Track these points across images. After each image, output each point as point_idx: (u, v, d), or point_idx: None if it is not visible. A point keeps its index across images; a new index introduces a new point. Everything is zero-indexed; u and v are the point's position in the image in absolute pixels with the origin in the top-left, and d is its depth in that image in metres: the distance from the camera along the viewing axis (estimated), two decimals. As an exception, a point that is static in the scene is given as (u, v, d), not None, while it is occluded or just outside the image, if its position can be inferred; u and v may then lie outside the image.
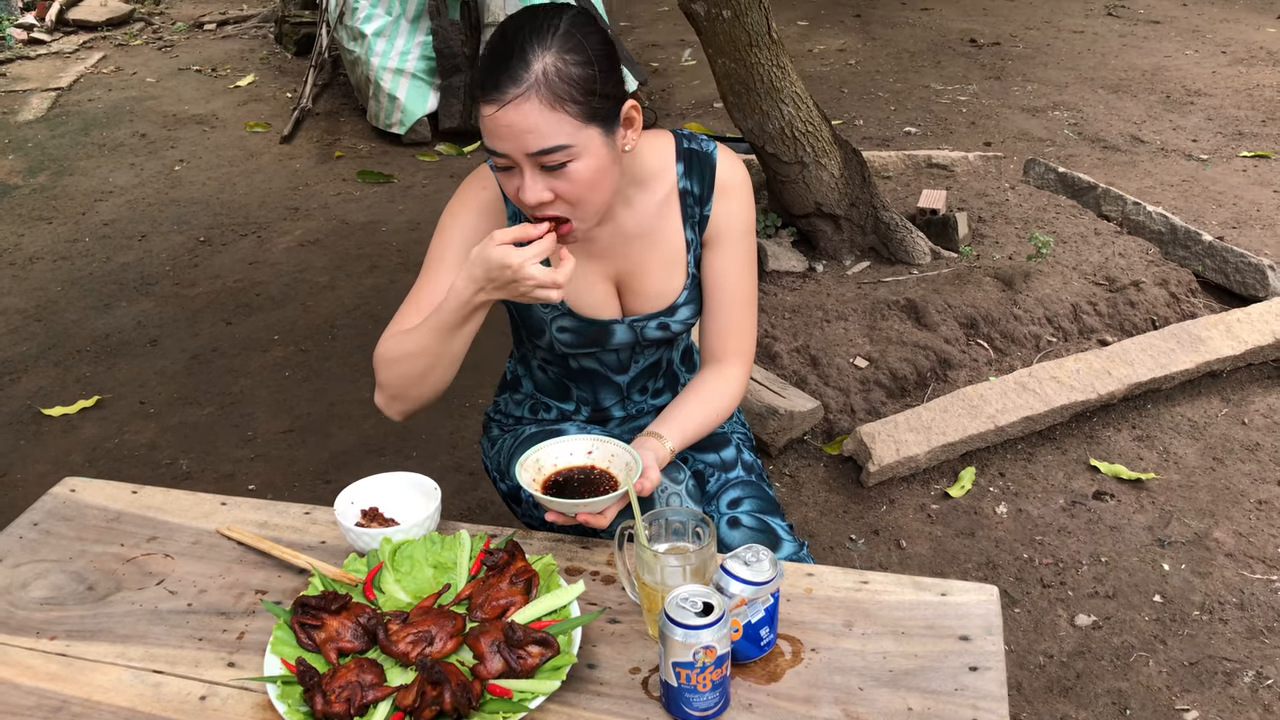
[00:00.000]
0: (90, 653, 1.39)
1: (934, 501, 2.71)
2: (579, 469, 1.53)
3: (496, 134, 1.40)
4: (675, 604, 1.22)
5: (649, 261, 1.64)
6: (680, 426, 1.61)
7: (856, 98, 6.18)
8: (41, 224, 4.72)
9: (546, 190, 1.43)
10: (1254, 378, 3.16)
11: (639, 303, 1.66)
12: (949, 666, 1.31)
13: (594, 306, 1.65)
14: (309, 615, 1.35)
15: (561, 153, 1.40)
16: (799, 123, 3.42)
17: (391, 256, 4.26)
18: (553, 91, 1.38)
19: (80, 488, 1.73)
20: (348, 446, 3.03)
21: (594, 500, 1.43)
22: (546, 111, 1.38)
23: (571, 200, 1.45)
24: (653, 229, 1.63)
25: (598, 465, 1.53)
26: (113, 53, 7.66)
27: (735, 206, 1.65)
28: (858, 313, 3.20)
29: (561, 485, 1.51)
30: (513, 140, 1.39)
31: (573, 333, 1.66)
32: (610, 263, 1.64)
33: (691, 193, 1.64)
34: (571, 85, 1.39)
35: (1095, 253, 3.61)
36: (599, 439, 1.55)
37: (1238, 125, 5.50)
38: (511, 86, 1.37)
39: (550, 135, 1.39)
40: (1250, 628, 2.28)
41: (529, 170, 1.42)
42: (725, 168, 1.65)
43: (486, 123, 1.40)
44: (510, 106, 1.37)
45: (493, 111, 1.38)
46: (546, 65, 1.38)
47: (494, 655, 1.29)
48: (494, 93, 1.38)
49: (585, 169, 1.43)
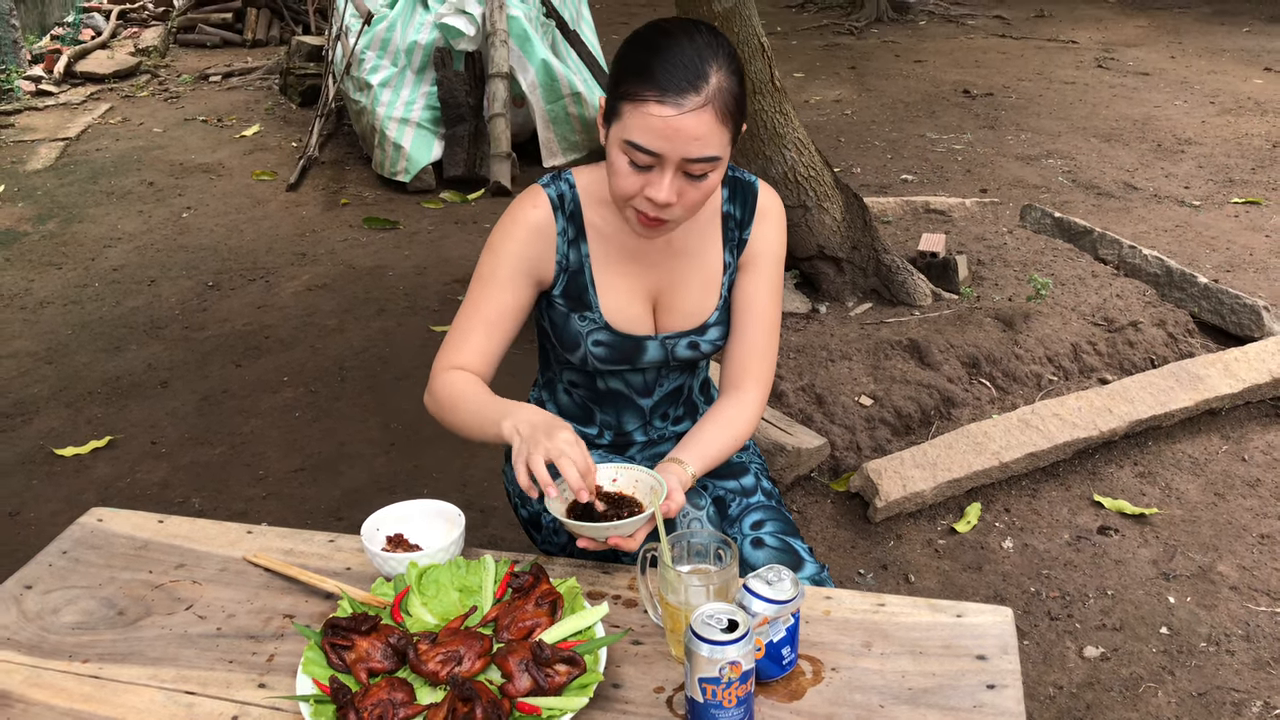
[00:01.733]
0: (123, 675, 1.41)
1: (941, 536, 2.74)
2: (604, 495, 1.56)
3: (663, 134, 1.45)
4: (701, 620, 1.25)
5: (687, 279, 1.70)
6: (701, 452, 1.65)
7: (853, 146, 6.29)
8: (51, 269, 4.78)
9: (676, 193, 1.50)
10: (1252, 415, 3.21)
11: (672, 319, 1.72)
12: (967, 685, 1.33)
13: (629, 321, 1.70)
14: (339, 636, 1.37)
15: (710, 163, 1.49)
16: (801, 167, 3.49)
17: (399, 300, 4.32)
18: (724, 105, 1.47)
19: (107, 518, 1.76)
20: (359, 485, 3.05)
21: (624, 523, 1.46)
22: (716, 124, 1.46)
23: (689, 206, 1.54)
24: (695, 247, 1.70)
25: (623, 491, 1.57)
26: (120, 104, 7.77)
27: (772, 233, 1.72)
28: (861, 352, 3.25)
29: (588, 512, 1.54)
30: (678, 144, 1.46)
31: (607, 347, 1.70)
32: (651, 278, 1.70)
33: (734, 216, 1.71)
34: (734, 101, 1.49)
35: (1093, 294, 3.67)
36: (622, 466, 1.59)
37: (1228, 173, 5.60)
38: (693, 94, 1.44)
39: (713, 146, 1.47)
40: (1257, 659, 2.30)
41: (672, 173, 1.49)
42: (765, 196, 1.73)
43: (653, 122, 1.45)
44: (690, 114, 1.44)
45: (669, 114, 1.44)
46: (720, 81, 1.46)
47: (522, 674, 1.31)
48: (674, 96, 1.44)
49: (714, 180, 1.53)
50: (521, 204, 1.67)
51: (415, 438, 3.27)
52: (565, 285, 1.68)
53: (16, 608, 1.55)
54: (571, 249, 1.67)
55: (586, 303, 1.68)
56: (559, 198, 1.67)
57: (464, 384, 1.63)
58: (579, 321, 1.69)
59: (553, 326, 1.73)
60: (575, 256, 1.67)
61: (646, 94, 1.45)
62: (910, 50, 8.88)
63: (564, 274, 1.68)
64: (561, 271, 1.68)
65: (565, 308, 1.69)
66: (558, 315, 1.70)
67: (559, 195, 1.67)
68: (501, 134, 5.54)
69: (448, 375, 1.65)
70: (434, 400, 1.66)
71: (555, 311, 1.70)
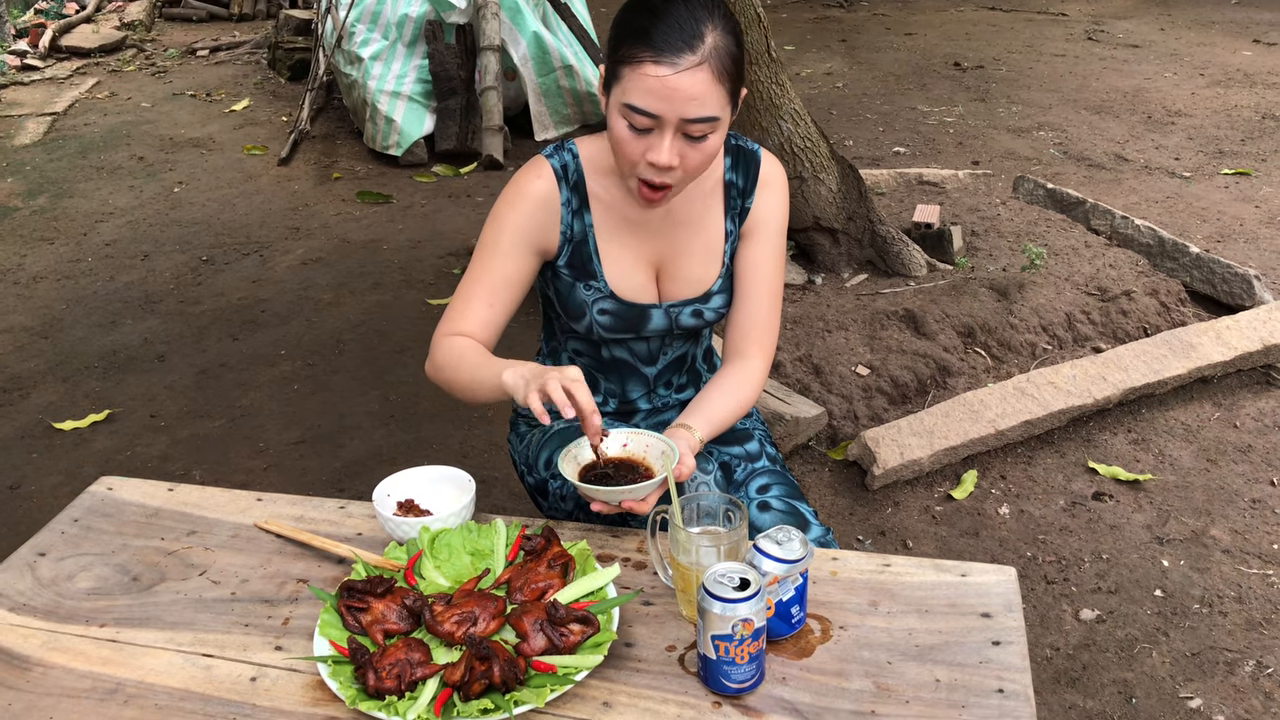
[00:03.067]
0: (140, 638, 1.42)
1: (938, 503, 2.77)
2: (617, 460, 1.58)
3: (660, 95, 1.45)
4: (714, 579, 1.27)
5: (690, 247, 1.71)
6: (707, 417, 1.67)
7: (845, 119, 6.29)
8: (44, 245, 4.75)
9: (677, 156, 1.51)
10: (1243, 383, 3.24)
11: (676, 288, 1.73)
12: (972, 641, 1.36)
13: (634, 290, 1.71)
14: (355, 598, 1.39)
15: (709, 124, 1.49)
16: (797, 138, 3.50)
17: (394, 274, 4.32)
18: (721, 64, 1.47)
19: (117, 486, 1.77)
20: (359, 456, 3.06)
21: (637, 486, 1.48)
22: (713, 83, 1.46)
23: (691, 169, 1.54)
24: (697, 217, 1.71)
25: (634, 456, 1.58)
26: (106, 78, 7.72)
27: (774, 201, 1.73)
28: (858, 323, 3.27)
29: (601, 476, 1.56)
30: (675, 104, 1.46)
31: (613, 315, 1.72)
32: (654, 246, 1.71)
33: (736, 185, 1.72)
34: (732, 61, 1.49)
35: (1086, 264, 3.70)
36: (633, 431, 1.60)
37: (1218, 144, 5.63)
38: (688, 53, 1.44)
39: (710, 105, 1.47)
40: (1249, 620, 2.34)
41: (671, 135, 1.49)
42: (768, 164, 1.74)
43: (649, 82, 1.45)
44: (686, 73, 1.44)
45: (665, 74, 1.44)
46: (717, 40, 1.47)
47: (537, 633, 1.34)
48: (670, 55, 1.44)
49: (715, 143, 1.53)
50: (525, 174, 1.68)
51: (414, 410, 3.28)
52: (570, 255, 1.69)
53: (31, 574, 1.56)
54: (575, 219, 1.68)
55: (591, 272, 1.69)
56: (562, 168, 1.67)
57: (463, 346, 1.64)
58: (584, 291, 1.70)
59: (557, 296, 1.74)
60: (579, 226, 1.68)
61: (642, 55, 1.45)
62: (900, 23, 8.87)
63: (568, 244, 1.69)
64: (566, 242, 1.69)
65: (570, 277, 1.70)
66: (563, 285, 1.71)
67: (562, 165, 1.67)
68: (493, 107, 5.52)
69: (448, 340, 1.66)
70: (434, 366, 1.68)
71: (560, 281, 1.71)
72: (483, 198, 5.18)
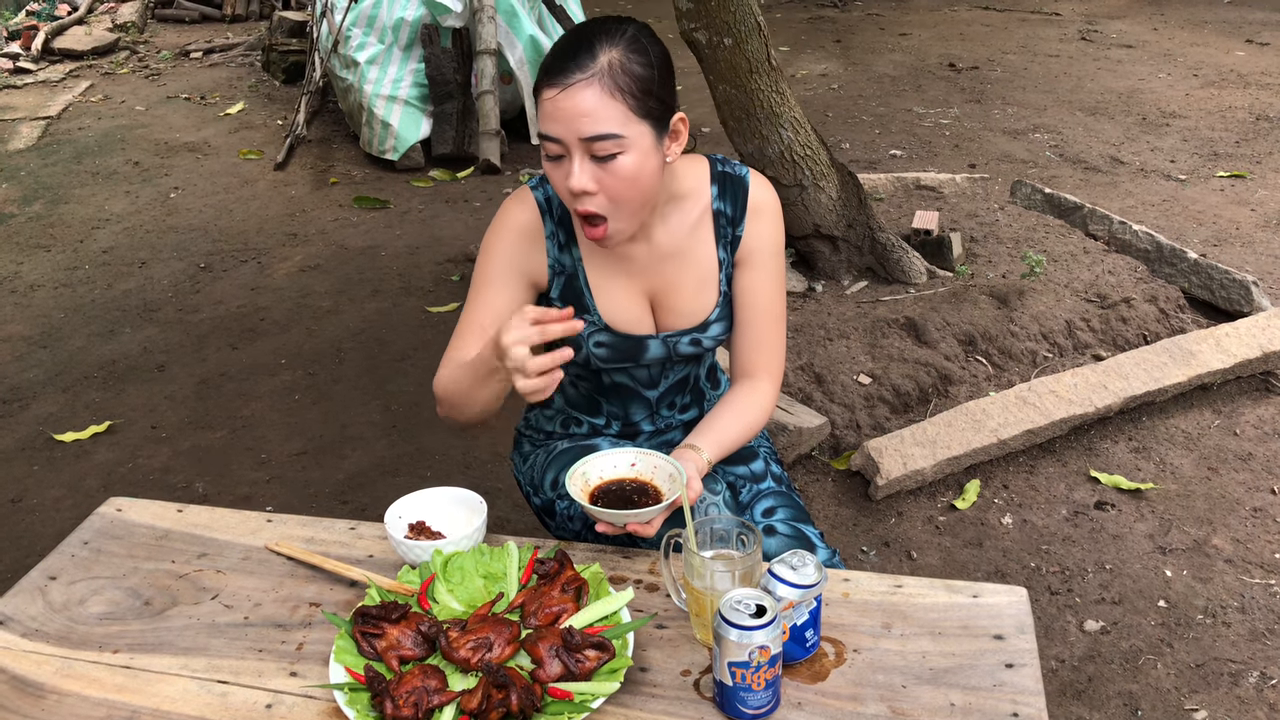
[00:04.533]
0: (154, 665, 1.42)
1: (941, 513, 2.78)
2: (624, 481, 1.58)
3: (554, 117, 1.47)
4: (730, 606, 1.27)
5: (682, 279, 1.70)
6: (715, 439, 1.67)
7: (841, 122, 6.29)
8: (40, 252, 4.74)
9: (592, 180, 1.50)
10: (1243, 390, 3.26)
11: (672, 319, 1.73)
12: (986, 664, 1.36)
13: (630, 323, 1.71)
14: (370, 624, 1.39)
15: (612, 141, 1.47)
16: (798, 147, 3.50)
17: (393, 281, 4.31)
18: (614, 81, 1.47)
19: (126, 507, 1.76)
20: (362, 468, 3.06)
21: (643, 511, 1.49)
22: (605, 98, 1.46)
23: (613, 195, 1.52)
24: (686, 248, 1.70)
25: (641, 477, 1.59)
26: (100, 81, 7.69)
27: (766, 228, 1.72)
28: (859, 331, 3.27)
29: (608, 496, 1.56)
30: (569, 123, 1.46)
31: (608, 347, 1.72)
32: (645, 280, 1.71)
33: (725, 213, 1.71)
34: (632, 79, 1.48)
35: (1085, 270, 3.71)
36: (641, 452, 1.60)
37: (1213, 146, 5.65)
38: (577, 72, 1.46)
39: (605, 121, 1.46)
40: (1253, 630, 2.36)
41: (579, 157, 1.49)
42: (757, 190, 1.72)
43: (545, 106, 1.48)
44: (573, 89, 1.45)
45: (554, 95, 1.46)
46: (612, 59, 1.47)
47: (552, 659, 1.34)
48: (558, 77, 1.46)
49: (631, 164, 1.50)
50: (509, 206, 1.69)
51: (416, 420, 3.28)
52: (562, 289, 1.70)
53: (42, 599, 1.56)
54: (564, 253, 1.68)
55: (584, 305, 1.69)
56: (546, 201, 1.68)
57: (451, 368, 1.64)
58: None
59: None
60: (568, 260, 1.68)
61: (541, 83, 1.49)
62: (894, 23, 8.88)
63: (559, 277, 1.69)
64: (556, 275, 1.69)
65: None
66: None
67: (546, 199, 1.68)
68: (490, 111, 5.52)
69: (441, 374, 1.66)
70: (442, 404, 1.67)
71: None
72: (480, 203, 5.17)
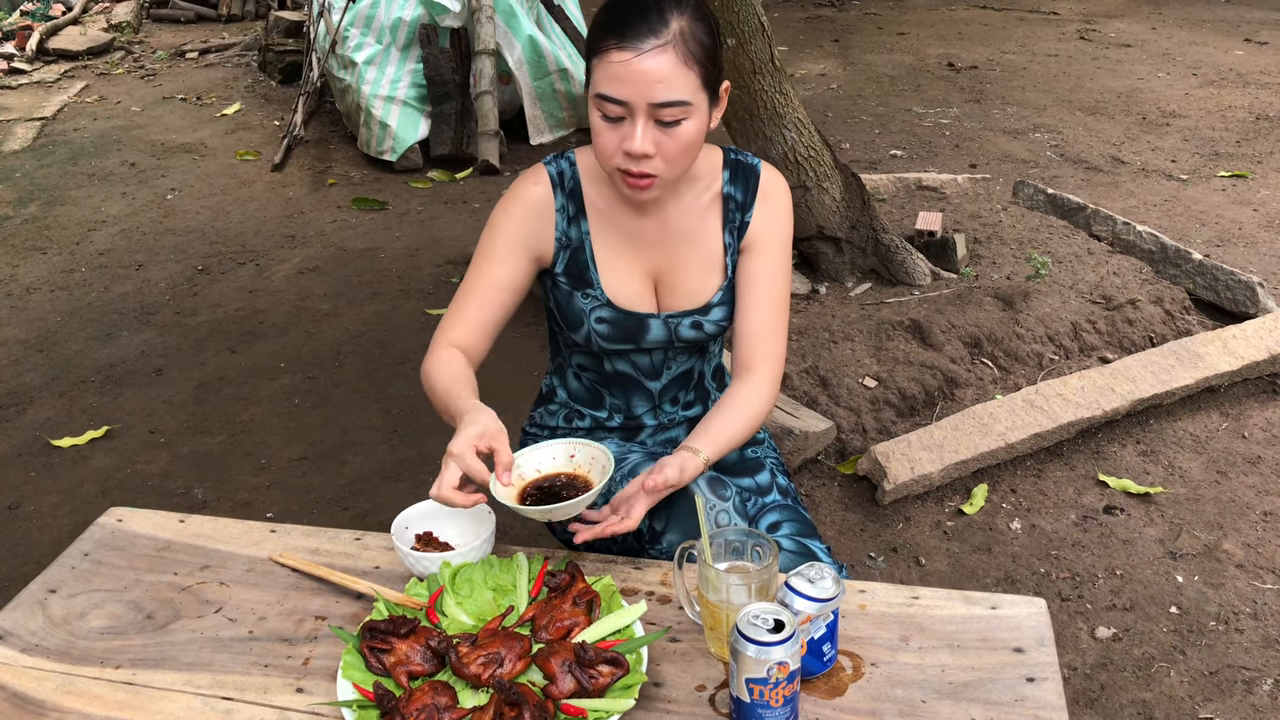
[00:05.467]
0: (157, 681, 1.39)
1: (949, 518, 2.76)
2: (557, 476, 1.57)
3: (625, 80, 1.47)
4: (747, 621, 1.25)
5: (687, 259, 1.71)
6: (713, 437, 1.64)
7: (841, 122, 6.27)
8: (36, 254, 4.70)
9: (652, 144, 1.50)
10: (1250, 392, 3.24)
11: (675, 299, 1.73)
12: (1006, 678, 1.34)
13: (631, 299, 1.71)
14: (378, 639, 1.36)
15: (680, 109, 1.49)
16: (801, 148, 3.48)
17: (392, 283, 4.28)
18: (688, 49, 1.48)
19: (127, 517, 1.73)
20: (363, 473, 3.03)
21: (559, 506, 1.46)
22: (680, 66, 1.47)
23: (669, 158, 1.53)
24: (694, 229, 1.71)
25: (580, 470, 1.57)
26: (95, 82, 7.64)
27: (775, 214, 1.73)
28: (863, 333, 3.25)
29: (540, 493, 1.54)
30: (642, 88, 1.46)
31: (610, 324, 1.71)
32: (651, 257, 1.71)
33: (734, 198, 1.71)
34: (702, 49, 1.49)
35: (1090, 272, 3.69)
36: (581, 443, 1.59)
37: (1213, 146, 5.63)
38: (651, 37, 1.46)
39: (678, 89, 1.47)
40: (1265, 637, 2.33)
41: (643, 121, 1.49)
42: (768, 178, 1.73)
43: (615, 69, 1.47)
44: (649, 55, 1.45)
45: (628, 58, 1.46)
46: (683, 26, 1.48)
47: (565, 675, 1.31)
48: (632, 40, 1.46)
49: (691, 130, 1.52)
50: (523, 180, 1.71)
51: (417, 424, 3.25)
52: (567, 263, 1.70)
53: (42, 613, 1.53)
54: (571, 226, 1.69)
55: (588, 280, 1.70)
56: (559, 175, 1.69)
57: (439, 370, 1.63)
58: (581, 299, 1.71)
59: (557, 306, 1.75)
60: (575, 234, 1.69)
61: (608, 44, 1.48)
62: (893, 22, 8.86)
63: (564, 251, 1.70)
64: (561, 249, 1.70)
65: (568, 286, 1.71)
66: (561, 294, 1.72)
67: (559, 173, 1.69)
68: (488, 112, 5.49)
69: (434, 356, 1.66)
70: (424, 374, 1.68)
71: (559, 290, 1.72)
72: (479, 203, 5.14)
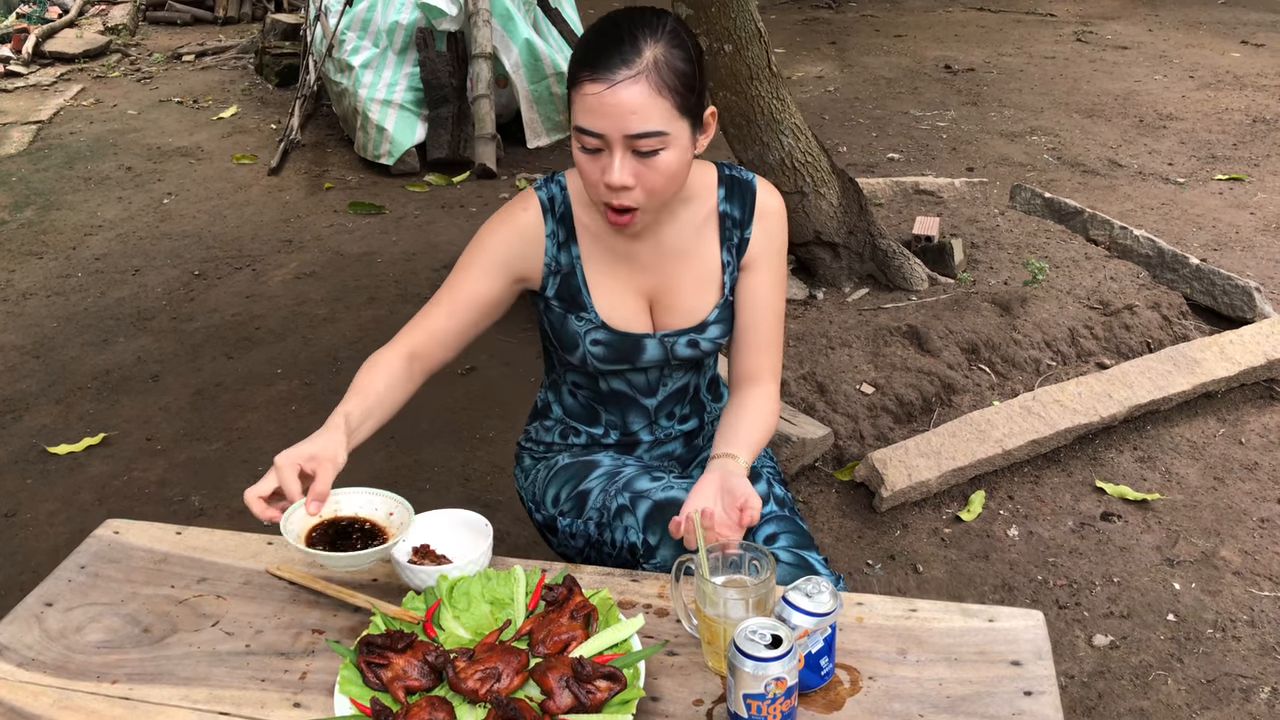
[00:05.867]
0: (154, 695, 1.39)
1: (946, 525, 2.76)
2: (365, 522, 1.56)
3: (599, 112, 1.47)
4: (744, 636, 1.25)
5: (683, 278, 1.71)
6: (744, 443, 1.66)
7: (838, 125, 6.27)
8: (32, 259, 4.69)
9: (632, 176, 1.50)
10: (1247, 398, 3.24)
11: (670, 318, 1.73)
12: (1004, 692, 1.34)
13: (626, 319, 1.71)
14: (375, 654, 1.36)
15: (657, 139, 1.48)
16: (798, 153, 3.48)
17: (389, 288, 4.28)
18: (661, 78, 1.47)
19: (123, 529, 1.73)
20: (359, 480, 2.99)
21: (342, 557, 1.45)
22: (653, 96, 1.46)
23: (650, 189, 1.53)
24: (689, 247, 1.71)
25: (388, 526, 1.55)
26: (91, 85, 7.64)
27: (773, 230, 1.74)
28: (861, 339, 3.25)
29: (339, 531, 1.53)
30: (615, 119, 1.46)
31: (605, 346, 1.71)
32: (645, 278, 1.71)
33: (731, 216, 1.72)
34: (675, 76, 1.48)
35: (1087, 277, 3.69)
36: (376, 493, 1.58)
37: (1210, 149, 5.64)
38: (623, 68, 1.45)
39: (652, 119, 1.47)
40: (1262, 644, 2.34)
41: (620, 152, 1.49)
42: (764, 195, 1.74)
43: (589, 101, 1.47)
44: (620, 86, 1.45)
45: (599, 90, 1.46)
46: (657, 54, 1.47)
47: (563, 690, 1.31)
48: (604, 72, 1.46)
49: (671, 160, 1.51)
50: (512, 205, 1.71)
51: (414, 432, 3.25)
52: (559, 287, 1.70)
53: (39, 626, 1.52)
54: (562, 251, 1.69)
55: (581, 303, 1.70)
56: (549, 200, 1.69)
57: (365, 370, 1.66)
58: (575, 321, 1.71)
59: (551, 328, 1.75)
60: (566, 258, 1.69)
61: (582, 75, 1.48)
62: (890, 24, 8.86)
63: (554, 276, 1.70)
64: (551, 274, 1.70)
65: (561, 309, 1.71)
66: (555, 317, 1.72)
67: (549, 198, 1.69)
68: (485, 115, 5.48)
69: (380, 354, 1.68)
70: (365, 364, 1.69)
71: (552, 313, 1.72)
72: (476, 207, 5.14)
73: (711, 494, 1.55)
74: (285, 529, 1.49)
